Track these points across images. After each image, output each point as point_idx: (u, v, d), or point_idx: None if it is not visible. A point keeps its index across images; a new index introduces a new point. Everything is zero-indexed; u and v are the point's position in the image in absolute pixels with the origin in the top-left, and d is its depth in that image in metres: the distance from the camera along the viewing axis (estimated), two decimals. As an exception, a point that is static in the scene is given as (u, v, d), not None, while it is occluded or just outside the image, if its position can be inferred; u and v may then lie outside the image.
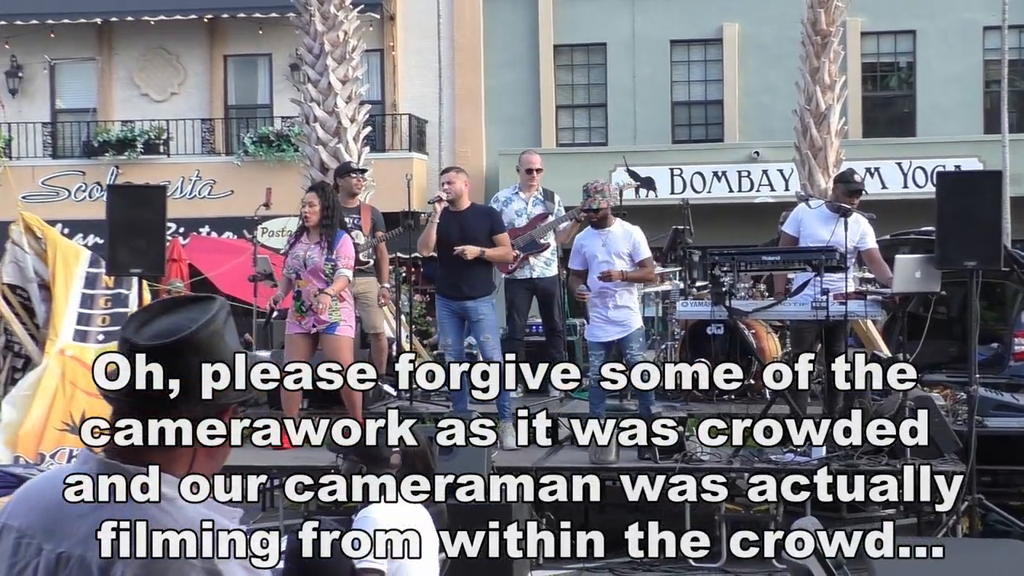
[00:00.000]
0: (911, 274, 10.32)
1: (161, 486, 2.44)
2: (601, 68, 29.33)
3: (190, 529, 2.41)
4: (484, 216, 11.59)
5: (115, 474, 2.43)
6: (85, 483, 2.44)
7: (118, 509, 2.41)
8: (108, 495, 2.42)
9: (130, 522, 2.39)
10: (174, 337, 2.44)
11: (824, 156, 17.84)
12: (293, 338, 11.23)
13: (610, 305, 11.34)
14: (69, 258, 13.87)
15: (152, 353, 2.43)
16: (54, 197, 29.01)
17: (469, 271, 11.22)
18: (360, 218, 12.95)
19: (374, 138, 23.87)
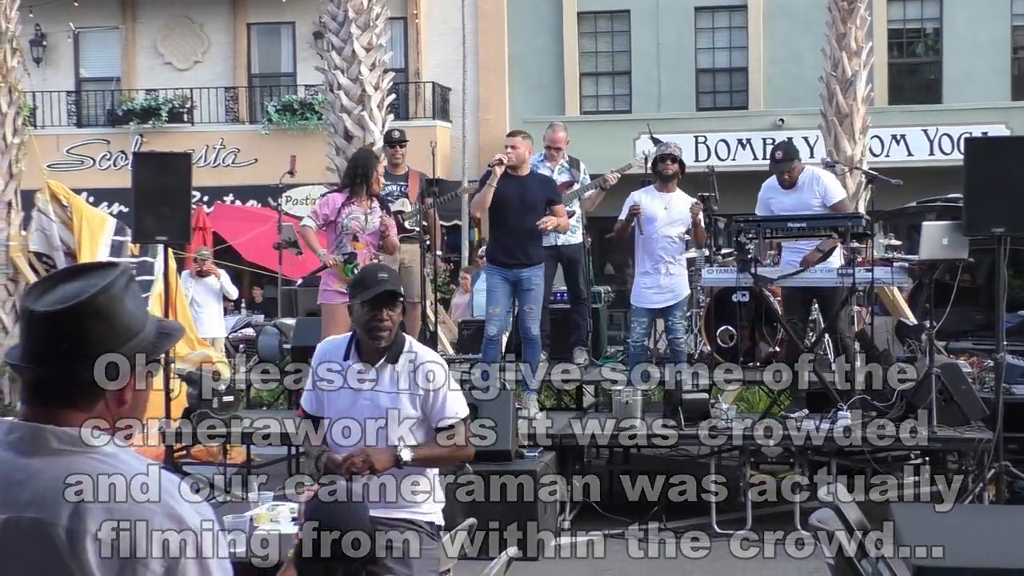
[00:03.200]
0: (938, 241, 10.27)
1: (92, 439, 2.45)
2: (625, 35, 29.21)
3: (138, 475, 2.44)
4: (544, 184, 11.55)
5: (39, 434, 2.43)
6: (16, 446, 2.44)
7: (60, 466, 2.40)
8: (39, 454, 2.41)
9: (84, 475, 2.38)
10: (71, 303, 2.43)
11: (850, 123, 17.73)
12: (335, 308, 10.63)
13: (662, 271, 11.33)
14: (95, 226, 13.93)
15: (49, 319, 2.43)
16: (79, 166, 29.10)
17: (527, 239, 11.19)
18: (408, 185, 12.89)
19: (398, 106, 23.83)
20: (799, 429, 10.30)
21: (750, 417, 11.14)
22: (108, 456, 2.45)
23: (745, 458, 10.36)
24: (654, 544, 10.14)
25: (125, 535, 2.35)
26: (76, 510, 2.35)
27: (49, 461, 2.40)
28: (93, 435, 2.45)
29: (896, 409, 10.19)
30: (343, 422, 5.49)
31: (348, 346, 5.58)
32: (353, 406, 5.50)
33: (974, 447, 9.86)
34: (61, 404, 2.44)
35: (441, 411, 5.53)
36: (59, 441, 2.42)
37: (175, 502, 2.44)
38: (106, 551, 2.34)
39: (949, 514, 7.66)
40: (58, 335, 2.43)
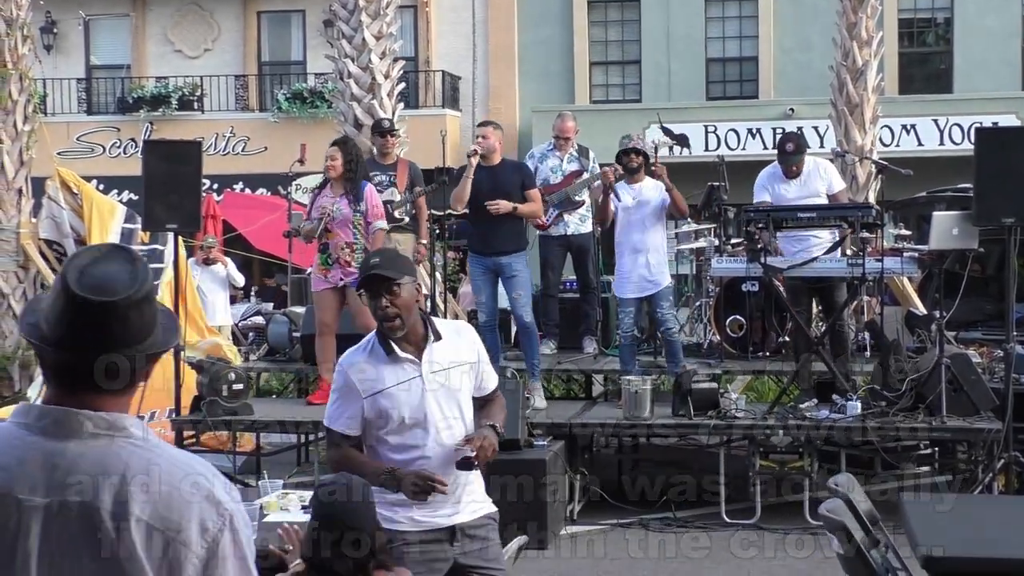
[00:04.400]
0: (948, 231, 10.25)
1: (127, 424, 2.49)
2: (635, 24, 29.16)
3: (174, 458, 2.50)
4: (515, 171, 11.57)
5: (75, 419, 2.44)
6: (49, 430, 2.44)
7: (99, 450, 2.43)
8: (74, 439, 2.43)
9: (124, 460, 2.42)
10: (124, 294, 2.46)
11: (860, 113, 17.69)
12: (321, 295, 11.23)
13: (640, 262, 11.34)
14: (104, 213, 13.94)
15: (100, 307, 2.45)
16: (89, 153, 29.12)
17: (501, 226, 11.21)
18: (396, 175, 12.90)
19: (408, 94, 23.80)
20: (808, 419, 10.31)
21: (759, 407, 11.15)
22: (143, 441, 2.49)
23: (754, 448, 10.37)
24: (663, 534, 10.15)
25: (168, 517, 2.39)
26: (119, 493, 2.38)
27: (86, 445, 2.42)
28: (127, 420, 2.49)
29: (906, 399, 10.19)
30: (409, 419, 5.06)
31: (381, 345, 5.13)
32: (420, 398, 5.07)
33: (984, 437, 9.87)
34: (95, 390, 2.46)
35: (489, 377, 5.36)
36: (94, 426, 2.44)
37: (211, 484, 2.48)
38: (150, 533, 2.37)
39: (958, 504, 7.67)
40: (106, 323, 2.45)
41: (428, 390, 5.07)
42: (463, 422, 5.16)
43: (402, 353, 5.07)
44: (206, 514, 2.43)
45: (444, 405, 5.10)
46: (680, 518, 10.43)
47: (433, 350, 5.11)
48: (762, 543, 9.86)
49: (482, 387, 5.31)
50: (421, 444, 5.07)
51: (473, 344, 5.28)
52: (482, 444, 5.00)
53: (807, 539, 9.76)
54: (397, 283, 4.99)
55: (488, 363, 5.36)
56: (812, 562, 9.18)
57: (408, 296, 5.03)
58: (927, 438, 10.88)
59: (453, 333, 5.24)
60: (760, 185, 11.41)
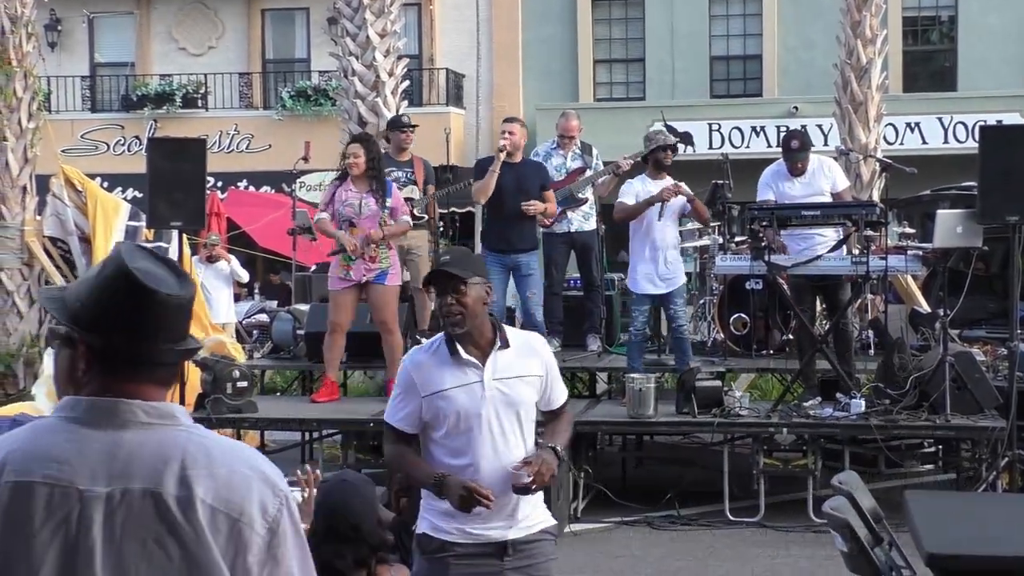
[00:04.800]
0: (952, 229, 10.26)
1: (177, 413, 2.54)
2: (639, 22, 29.16)
3: (227, 444, 2.55)
4: (537, 170, 11.76)
5: (128, 409, 2.48)
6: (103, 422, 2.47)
7: (156, 439, 2.46)
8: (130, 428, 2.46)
9: (183, 447, 2.46)
10: (190, 290, 2.56)
11: (864, 111, 17.67)
12: (339, 294, 11.08)
13: (659, 260, 11.33)
14: (109, 211, 13.95)
15: (173, 302, 2.52)
16: (93, 151, 29.15)
17: (521, 225, 11.37)
18: (413, 172, 12.89)
19: (411, 92, 23.81)
20: (812, 417, 10.31)
21: (763, 405, 11.15)
22: (195, 428, 2.54)
23: (758, 446, 10.37)
24: (666, 532, 10.16)
25: (231, 499, 2.43)
26: (183, 478, 2.41)
27: (142, 434, 2.46)
28: (176, 409, 2.54)
29: (909, 397, 10.19)
30: (464, 424, 4.89)
31: (447, 346, 4.98)
32: (476, 404, 4.90)
33: (987, 435, 9.86)
34: (144, 380, 2.51)
35: (556, 393, 5.17)
36: (147, 415, 2.48)
37: (264, 467, 2.53)
38: (215, 515, 2.41)
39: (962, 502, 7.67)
40: (164, 315, 2.51)
41: (486, 397, 4.91)
42: (522, 435, 4.98)
43: (466, 355, 4.93)
44: (265, 496, 2.48)
45: (502, 414, 4.93)
46: (684, 516, 10.44)
47: (498, 357, 4.95)
48: (766, 541, 9.88)
49: (549, 402, 5.15)
50: (474, 451, 4.90)
51: (543, 357, 5.10)
52: (540, 469, 4.83)
53: (811, 537, 9.78)
54: (464, 282, 4.86)
55: (559, 379, 5.19)
56: (816, 560, 9.19)
57: (475, 297, 4.89)
58: (931, 436, 10.88)
59: (524, 344, 5.08)
60: (764, 183, 11.40)
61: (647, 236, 11.38)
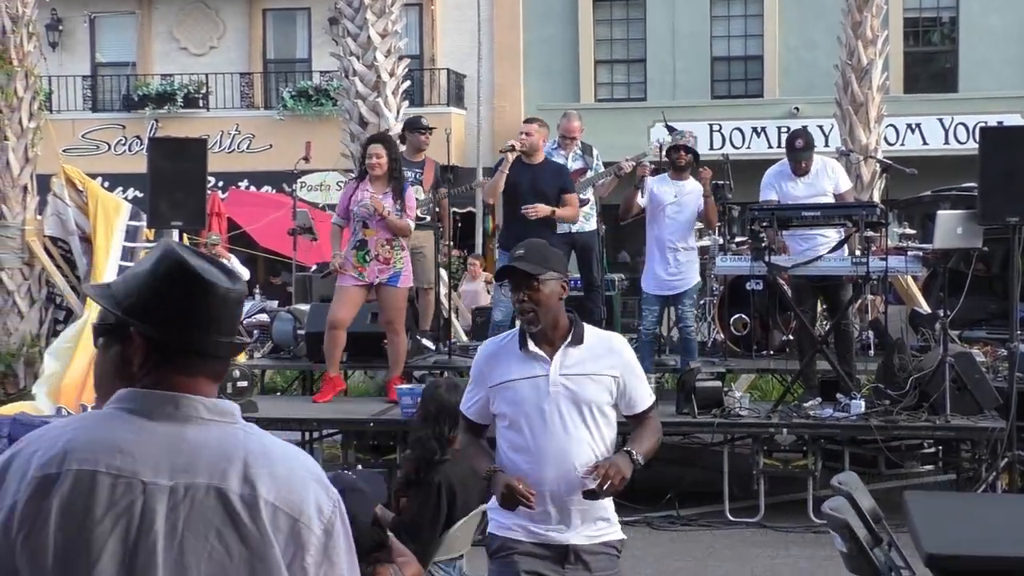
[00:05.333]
0: (952, 230, 10.27)
1: (234, 411, 2.56)
2: (640, 22, 29.17)
3: (282, 445, 2.57)
4: (557, 173, 11.60)
5: (190, 404, 2.49)
6: (164, 415, 2.48)
7: (217, 435, 2.48)
8: (191, 424, 2.48)
9: (244, 445, 2.48)
10: (235, 287, 2.59)
11: (865, 112, 17.67)
12: (347, 290, 11.03)
13: (670, 260, 11.35)
14: (110, 211, 13.95)
15: (237, 298, 2.59)
16: (94, 150, 29.16)
17: (537, 226, 11.27)
18: (422, 173, 12.91)
19: (412, 92, 23.81)
20: (812, 418, 10.31)
21: (763, 405, 11.15)
22: (251, 427, 2.56)
23: (758, 447, 10.37)
24: (666, 532, 10.17)
25: (291, 499, 2.45)
26: (247, 476, 2.43)
27: (204, 430, 2.48)
28: (233, 407, 2.56)
29: (909, 398, 10.19)
30: (526, 418, 4.80)
31: (519, 338, 4.91)
32: (538, 398, 4.80)
33: (987, 436, 9.87)
34: (201, 373, 2.54)
35: (637, 396, 4.92)
36: (208, 411, 2.50)
37: (318, 470, 2.56)
38: (276, 514, 2.42)
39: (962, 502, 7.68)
40: (232, 311, 2.57)
41: (551, 392, 4.79)
42: (590, 435, 4.81)
43: (534, 348, 4.84)
44: (320, 497, 2.50)
45: (567, 412, 4.78)
46: (684, 516, 10.44)
47: (568, 353, 4.83)
48: (766, 541, 9.88)
49: (630, 405, 4.94)
50: (537, 446, 4.79)
51: (621, 358, 4.90)
52: (607, 473, 4.62)
53: (811, 537, 9.78)
54: (537, 278, 4.78)
55: (642, 381, 4.96)
56: (815, 560, 9.19)
57: (549, 292, 4.80)
58: (931, 437, 10.89)
59: (600, 342, 4.92)
60: (767, 183, 11.42)
61: (662, 235, 11.42)
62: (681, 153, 11.59)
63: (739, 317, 12.77)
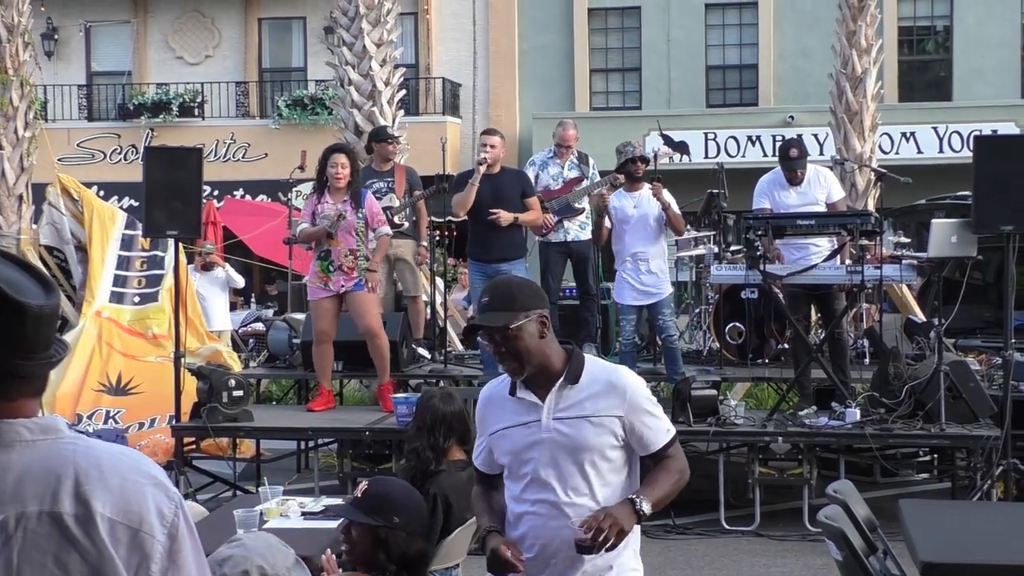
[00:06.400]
0: (947, 239, 10.27)
1: (59, 426, 2.43)
2: (635, 31, 29.21)
3: (112, 452, 2.44)
4: (516, 179, 11.82)
5: (11, 428, 2.36)
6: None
7: (42, 455, 2.35)
8: (14, 448, 2.35)
9: (71, 461, 2.36)
10: (41, 301, 2.39)
11: (860, 120, 17.71)
12: (320, 303, 11.14)
13: (642, 269, 11.41)
14: (105, 220, 13.95)
15: (51, 312, 2.40)
16: (89, 160, 29.15)
17: (501, 233, 11.41)
18: (394, 181, 12.96)
19: (408, 101, 23.84)
20: (807, 426, 10.32)
21: (759, 414, 11.15)
22: (79, 439, 2.44)
23: (753, 455, 10.38)
24: (662, 541, 10.16)
25: (129, 509, 2.35)
26: (79, 495, 2.33)
27: (29, 453, 2.35)
28: (58, 421, 2.43)
29: (904, 406, 10.20)
30: (522, 467, 4.34)
31: (512, 381, 4.41)
32: (531, 445, 4.33)
33: (982, 444, 9.88)
34: (24, 395, 2.40)
35: (649, 435, 4.34)
36: (30, 432, 2.37)
37: (153, 470, 2.45)
38: (115, 528, 2.34)
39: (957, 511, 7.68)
40: (49, 327, 2.40)
41: (543, 439, 4.29)
42: (588, 484, 4.29)
43: (523, 393, 4.35)
44: (160, 501, 2.40)
45: (562, 459, 4.28)
46: (679, 525, 10.43)
47: (563, 394, 4.30)
48: (761, 550, 9.88)
49: (643, 445, 4.35)
50: (535, 499, 4.32)
51: (625, 395, 4.28)
52: (599, 525, 4.05)
53: (806, 546, 9.78)
54: (508, 327, 4.24)
55: (654, 417, 4.34)
56: (811, 569, 9.19)
57: (527, 336, 4.26)
58: (926, 445, 10.91)
59: (600, 378, 4.33)
60: (761, 192, 11.44)
61: (627, 247, 11.51)
62: (638, 164, 11.68)
63: (734, 326, 12.78)
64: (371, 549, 4.79)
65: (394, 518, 4.72)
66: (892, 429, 10.09)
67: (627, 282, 11.55)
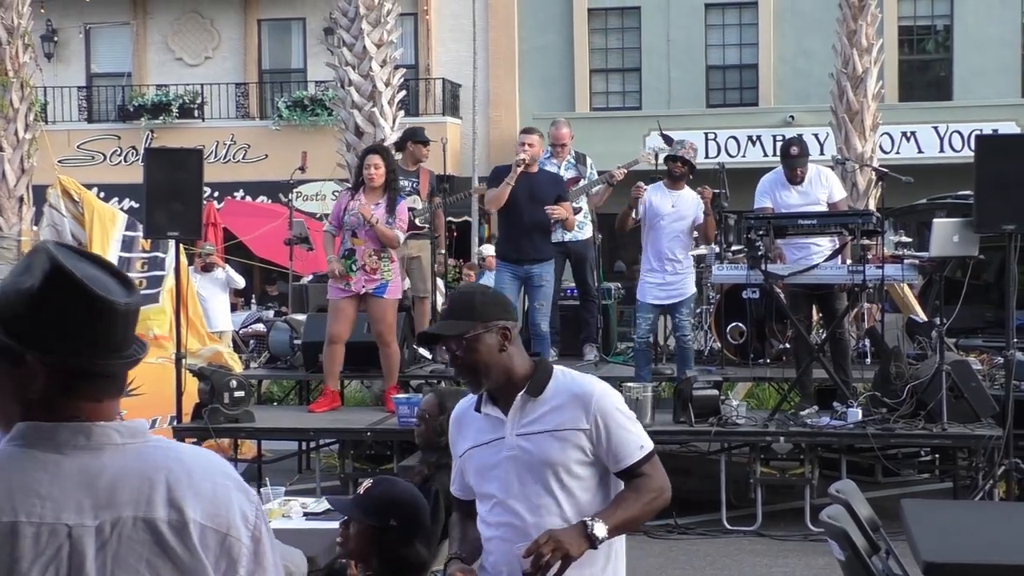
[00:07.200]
0: (949, 238, 10.26)
1: (145, 429, 2.43)
2: (635, 31, 29.20)
3: (198, 456, 2.46)
4: (552, 181, 11.74)
5: (102, 431, 2.36)
6: (75, 447, 2.34)
7: (133, 460, 2.36)
8: (105, 452, 2.35)
9: (164, 466, 2.36)
10: (126, 299, 2.39)
11: (860, 120, 17.70)
12: (338, 303, 11.08)
13: (668, 268, 11.35)
14: (106, 221, 13.94)
15: (133, 311, 2.40)
16: (89, 161, 29.16)
17: (535, 235, 11.37)
18: (419, 182, 12.93)
19: (408, 102, 23.83)
20: (809, 426, 10.31)
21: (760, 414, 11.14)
22: (164, 442, 2.46)
23: (755, 455, 10.37)
24: (664, 541, 10.16)
25: (218, 514, 2.37)
26: (172, 500, 2.34)
27: (120, 457, 2.36)
28: (143, 424, 2.45)
29: (906, 406, 10.20)
30: (487, 487, 4.09)
31: (478, 398, 4.19)
32: (495, 464, 4.07)
33: (984, 444, 9.87)
34: (107, 395, 2.41)
35: (621, 450, 4.00)
36: (121, 435, 2.38)
37: (235, 474, 2.48)
38: (205, 533, 2.35)
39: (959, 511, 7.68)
40: (130, 325, 2.40)
41: (507, 457, 4.03)
42: (559, 504, 4.00)
43: (487, 408, 4.13)
44: (244, 504, 2.42)
45: (527, 478, 4.01)
46: (681, 525, 10.43)
47: (526, 408, 4.04)
48: (763, 550, 9.88)
49: (613, 461, 4.01)
50: (500, 521, 4.06)
51: (590, 405, 3.99)
52: (540, 550, 3.76)
53: (808, 546, 9.78)
54: (464, 337, 4.01)
55: (626, 430, 4.01)
56: (813, 569, 9.19)
57: (485, 348, 4.01)
58: (928, 445, 10.90)
59: (565, 390, 4.05)
60: (762, 191, 11.44)
61: (652, 245, 11.44)
62: (677, 164, 11.57)
63: (735, 326, 12.77)
64: (364, 547, 4.79)
65: (391, 521, 4.70)
66: (894, 429, 10.09)
67: (651, 281, 11.48)
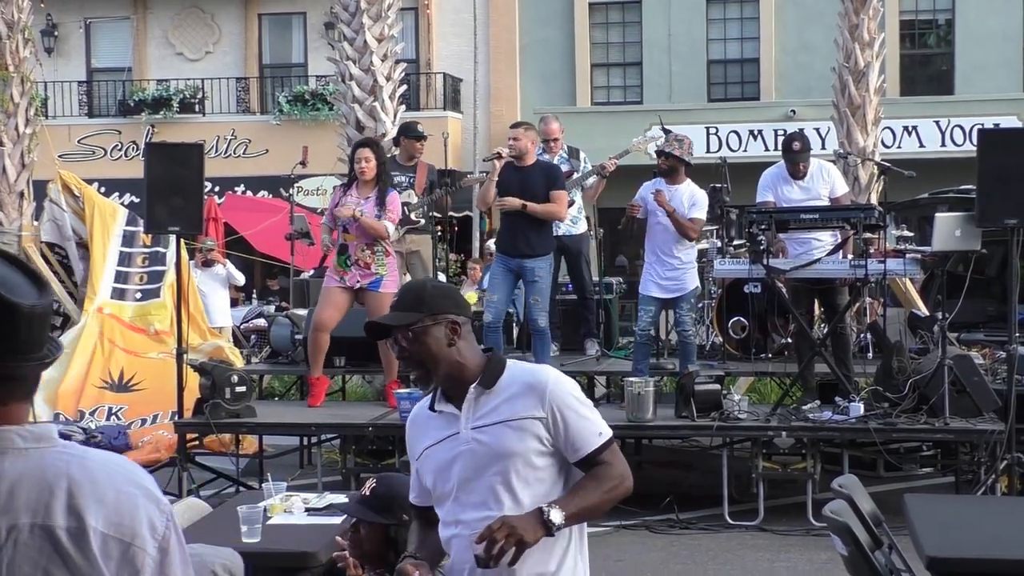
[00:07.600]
0: (951, 232, 10.24)
1: (52, 434, 2.38)
2: (636, 26, 29.17)
3: (105, 462, 2.40)
4: (543, 172, 11.54)
5: (4, 437, 2.31)
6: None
7: (35, 465, 2.31)
8: (6, 457, 2.30)
9: (65, 472, 2.31)
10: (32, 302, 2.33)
11: (862, 114, 17.66)
12: (331, 291, 11.05)
13: (668, 262, 11.33)
14: (107, 216, 13.95)
15: (43, 312, 2.35)
16: (90, 156, 29.15)
17: (527, 228, 11.23)
18: (415, 177, 12.89)
19: (409, 97, 23.81)
20: (811, 421, 10.30)
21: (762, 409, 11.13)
22: (71, 448, 2.39)
23: (757, 450, 10.36)
24: (666, 536, 10.15)
25: (121, 523, 2.31)
26: (72, 507, 2.29)
27: (22, 462, 2.31)
28: (50, 429, 2.39)
29: (908, 401, 10.18)
30: (445, 486, 3.93)
31: (432, 396, 4.06)
32: (451, 461, 3.92)
33: (986, 438, 9.85)
34: (15, 399, 2.34)
35: (578, 438, 3.88)
36: (24, 440, 2.32)
37: (145, 481, 2.41)
38: (107, 542, 2.29)
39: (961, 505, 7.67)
40: (42, 327, 2.35)
41: (462, 451, 3.89)
42: (516, 496, 3.86)
43: (441, 405, 3.99)
44: (152, 514, 2.36)
45: (485, 471, 3.87)
46: (683, 520, 10.42)
47: (480, 401, 3.91)
48: (765, 545, 9.86)
49: (571, 449, 3.88)
50: (458, 519, 3.91)
51: (545, 394, 3.85)
52: (492, 536, 3.63)
53: (810, 540, 9.76)
54: (410, 329, 3.89)
55: (583, 417, 3.89)
56: (815, 564, 9.18)
57: (432, 340, 3.88)
58: (930, 439, 10.88)
59: (518, 379, 3.92)
60: (764, 185, 11.42)
61: (651, 239, 11.41)
62: (661, 159, 11.53)
63: (737, 320, 12.76)
64: (381, 547, 4.77)
65: (404, 516, 4.69)
66: (896, 423, 10.07)
67: (652, 274, 11.45)
